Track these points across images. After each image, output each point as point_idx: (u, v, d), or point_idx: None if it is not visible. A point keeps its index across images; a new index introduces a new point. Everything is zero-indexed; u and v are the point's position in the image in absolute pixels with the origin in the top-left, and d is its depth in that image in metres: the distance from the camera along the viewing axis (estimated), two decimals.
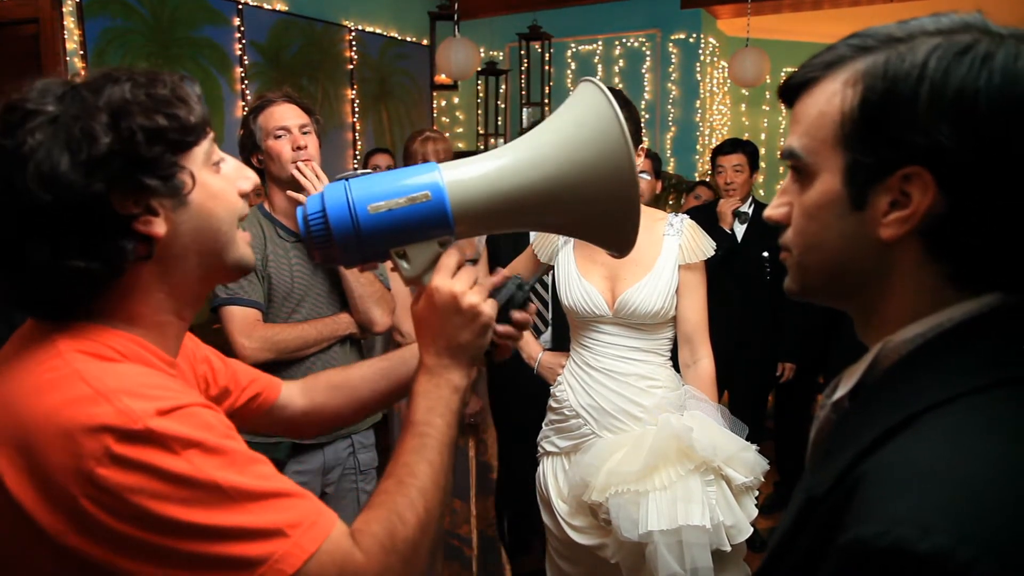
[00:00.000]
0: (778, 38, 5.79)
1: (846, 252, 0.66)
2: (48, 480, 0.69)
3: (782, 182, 0.74)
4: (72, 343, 0.76)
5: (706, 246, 1.97)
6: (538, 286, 2.85)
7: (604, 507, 1.82)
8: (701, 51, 5.22)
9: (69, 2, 3.26)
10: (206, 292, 0.90)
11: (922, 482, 0.51)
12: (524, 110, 5.47)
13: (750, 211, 3.46)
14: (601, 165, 0.88)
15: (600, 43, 5.47)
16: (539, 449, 2.15)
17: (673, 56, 5.28)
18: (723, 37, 5.72)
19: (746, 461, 1.82)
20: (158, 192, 0.78)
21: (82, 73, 3.14)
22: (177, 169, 0.79)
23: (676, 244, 1.95)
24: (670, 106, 5.33)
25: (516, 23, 5.36)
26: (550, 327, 2.89)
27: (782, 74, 5.63)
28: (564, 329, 2.19)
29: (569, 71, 5.57)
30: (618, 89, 1.83)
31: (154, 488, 0.68)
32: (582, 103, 0.90)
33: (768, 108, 6.49)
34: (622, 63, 5.42)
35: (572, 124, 0.90)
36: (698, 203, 4.06)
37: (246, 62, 4.05)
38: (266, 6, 4.16)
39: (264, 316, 1.95)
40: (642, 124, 2.19)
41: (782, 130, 6.51)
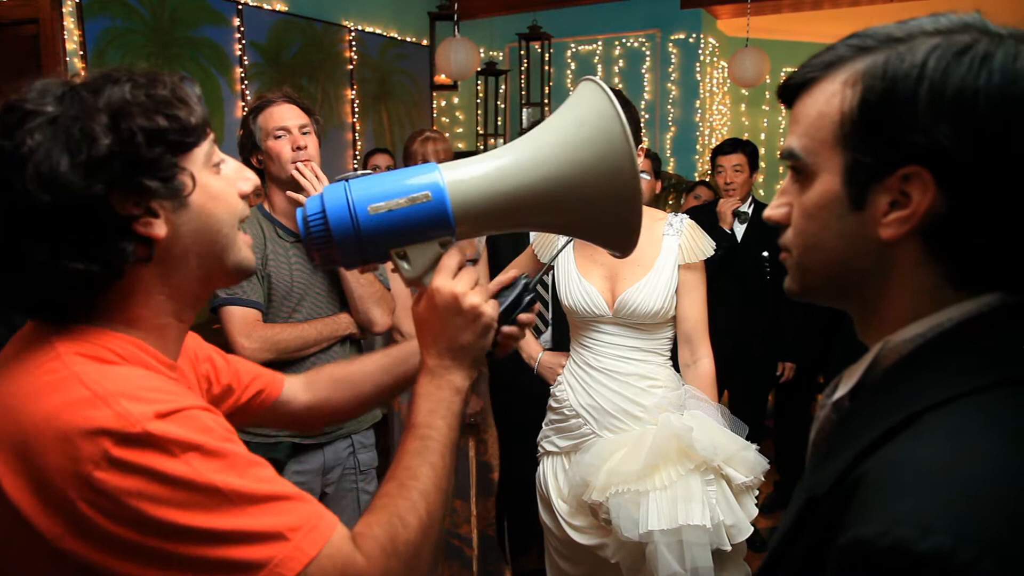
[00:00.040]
0: (778, 38, 5.79)
1: (846, 252, 0.66)
2: (46, 483, 0.68)
3: (782, 182, 0.74)
4: (71, 345, 0.76)
5: (706, 246, 1.97)
6: (538, 286, 2.85)
7: (604, 507, 1.82)
8: (701, 51, 5.22)
9: (69, 2, 3.25)
10: (207, 295, 0.89)
11: (922, 482, 0.51)
12: (524, 110, 5.47)
13: (750, 211, 3.46)
14: (603, 165, 0.87)
15: (600, 43, 5.47)
16: (539, 449, 2.15)
17: (673, 56, 5.27)
18: (723, 37, 5.72)
19: (746, 460, 1.83)
20: (158, 193, 0.77)
21: (82, 73, 3.14)
22: (177, 170, 0.79)
23: (676, 244, 1.95)
24: (670, 106, 5.33)
25: (516, 23, 5.36)
26: (550, 327, 2.89)
27: (782, 74, 5.63)
28: (564, 329, 2.19)
29: (569, 71, 5.57)
30: (618, 89, 1.83)
31: (153, 492, 0.68)
32: (583, 102, 0.90)
33: (768, 108, 6.49)
34: (622, 63, 5.42)
35: (573, 123, 0.89)
36: (698, 203, 4.06)
37: (246, 62, 4.05)
38: (266, 6, 4.16)
39: (264, 316, 1.95)
40: (642, 124, 2.20)
41: (782, 130, 6.51)
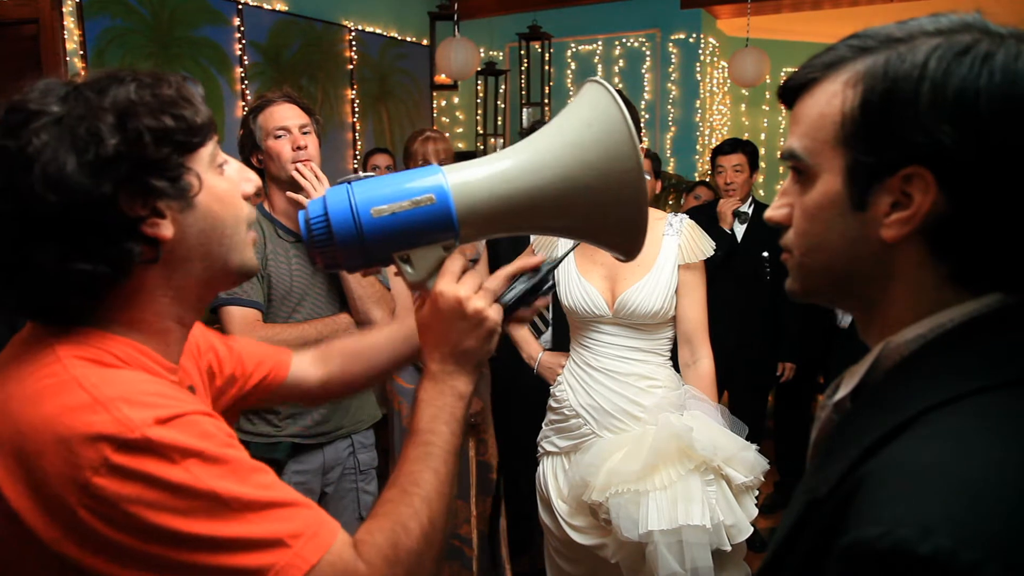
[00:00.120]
0: (778, 38, 5.78)
1: (847, 253, 0.66)
2: (45, 488, 0.68)
3: (782, 182, 0.74)
4: (71, 349, 0.75)
5: (705, 246, 1.97)
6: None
7: (604, 507, 1.82)
8: (701, 51, 5.22)
9: (69, 2, 3.25)
10: (209, 297, 0.88)
11: (924, 483, 0.51)
12: (524, 110, 5.47)
13: (750, 211, 3.46)
14: (609, 167, 0.86)
15: (600, 43, 5.47)
16: (539, 449, 2.15)
17: (673, 56, 5.27)
18: (723, 37, 5.72)
19: (746, 460, 1.83)
20: (165, 194, 0.77)
21: (82, 73, 3.14)
22: (184, 171, 0.78)
23: (676, 244, 1.95)
24: (670, 106, 5.33)
25: (516, 23, 5.36)
26: (550, 327, 2.89)
27: (782, 74, 5.63)
28: (564, 329, 2.19)
29: (569, 71, 5.57)
30: (618, 89, 1.83)
31: (152, 498, 0.67)
32: (589, 104, 0.89)
33: (768, 108, 6.49)
34: (622, 63, 5.42)
35: (579, 125, 0.88)
36: (698, 203, 4.05)
37: (246, 62, 4.04)
38: (266, 6, 4.16)
39: (264, 316, 1.95)
40: (642, 124, 2.20)
41: (782, 130, 6.51)
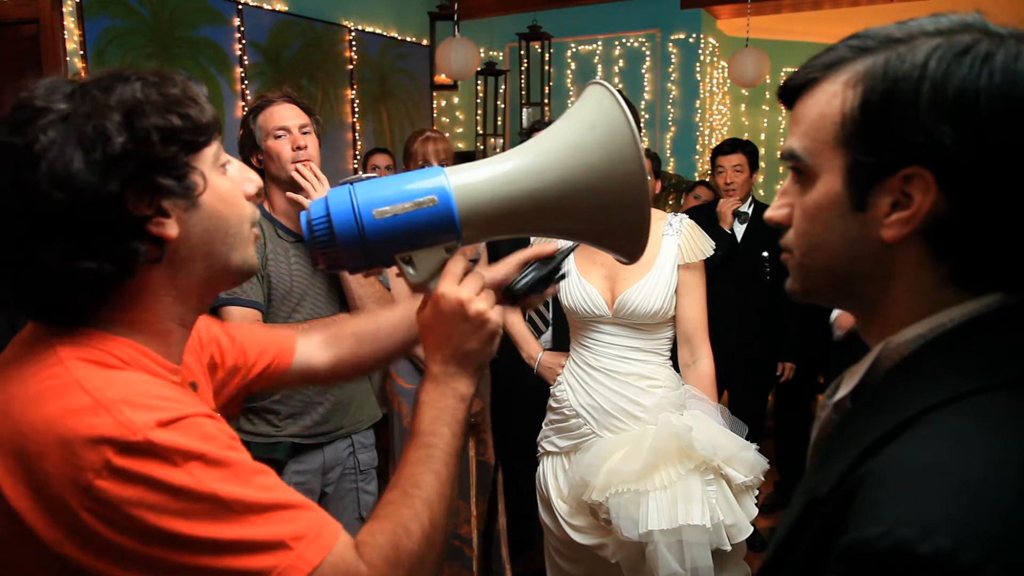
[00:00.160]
0: (778, 38, 5.79)
1: (848, 253, 0.66)
2: (46, 490, 0.68)
3: (782, 182, 0.74)
4: (73, 350, 0.75)
5: (705, 246, 1.97)
6: None
7: (604, 507, 1.82)
8: (701, 51, 5.22)
9: (69, 2, 3.25)
10: (210, 298, 0.88)
11: (924, 483, 0.51)
12: (524, 110, 5.48)
13: (750, 211, 3.46)
14: (611, 170, 0.86)
15: (600, 43, 5.47)
16: (539, 449, 2.15)
17: (673, 56, 5.27)
18: (723, 37, 5.72)
19: (746, 460, 1.83)
20: (172, 193, 0.77)
21: (82, 73, 3.14)
22: (189, 170, 0.78)
23: (675, 244, 1.95)
24: (670, 106, 5.33)
25: (516, 23, 5.36)
26: (550, 327, 2.89)
27: (782, 74, 5.63)
28: (564, 329, 2.19)
29: (569, 71, 5.57)
30: (618, 90, 1.83)
31: (154, 501, 0.67)
32: (592, 106, 0.88)
33: (768, 108, 6.49)
34: (622, 63, 5.42)
35: (582, 127, 0.88)
36: (698, 203, 4.06)
37: (246, 62, 4.05)
38: (266, 6, 4.16)
39: (264, 316, 1.94)
40: (642, 124, 2.20)
41: (782, 130, 6.51)
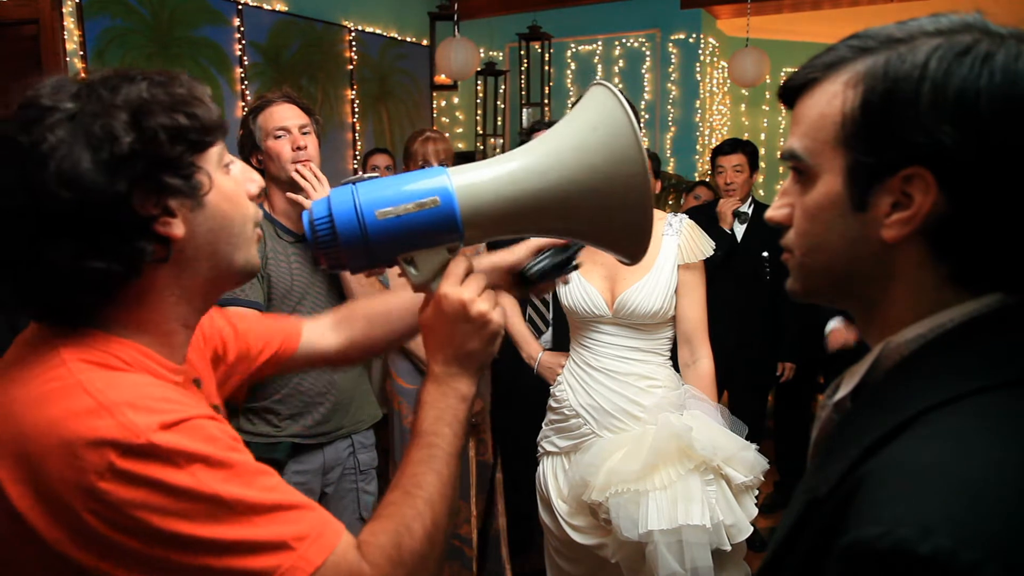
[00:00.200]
0: (778, 38, 5.79)
1: (848, 253, 0.66)
2: (50, 492, 0.68)
3: (782, 182, 0.74)
4: (76, 352, 0.75)
5: (705, 246, 1.97)
6: None
7: (604, 507, 1.83)
8: (701, 51, 5.22)
9: (69, 2, 3.25)
10: (214, 298, 0.89)
11: (924, 483, 0.51)
12: (524, 110, 5.48)
13: (750, 211, 3.46)
14: (614, 171, 0.86)
15: (600, 43, 5.47)
16: (539, 449, 2.15)
17: (673, 56, 5.27)
18: (723, 37, 5.72)
19: (746, 460, 1.83)
20: (179, 192, 0.77)
21: (82, 73, 3.14)
22: (195, 169, 0.78)
23: (675, 244, 1.95)
24: (670, 106, 5.33)
25: (516, 23, 5.36)
26: (550, 327, 2.89)
27: (782, 74, 5.63)
28: (564, 329, 2.19)
29: (569, 71, 5.57)
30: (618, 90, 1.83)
31: (157, 503, 0.68)
32: (595, 106, 0.89)
33: (768, 108, 6.49)
34: (622, 63, 5.42)
35: (585, 128, 0.88)
36: (698, 203, 4.06)
37: (246, 62, 4.05)
38: (266, 6, 4.16)
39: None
40: (642, 124, 2.20)
41: (782, 130, 6.51)
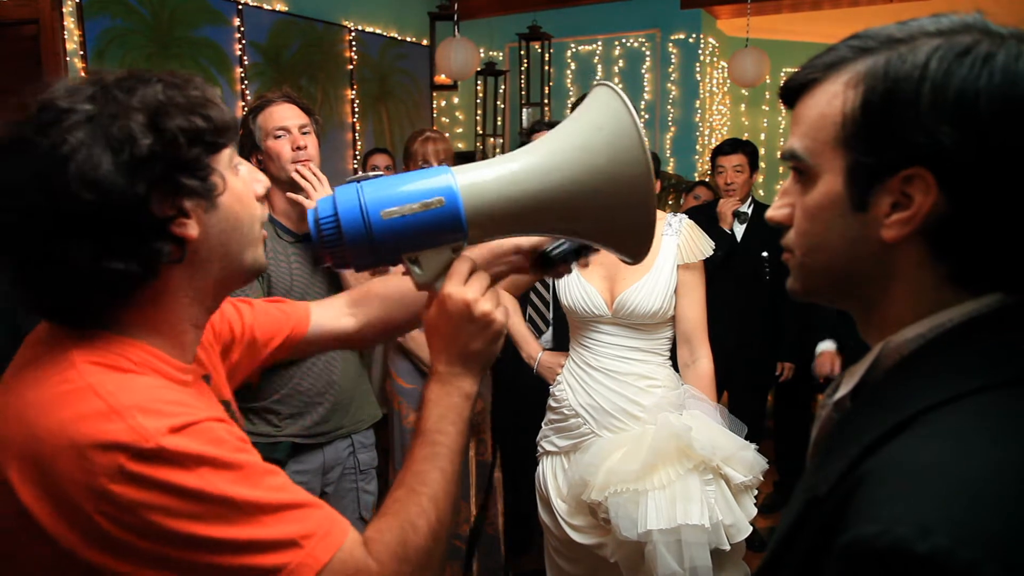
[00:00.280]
0: (778, 38, 5.78)
1: (848, 253, 0.66)
2: (60, 493, 0.69)
3: (782, 182, 0.74)
4: (87, 354, 0.76)
5: (704, 246, 1.97)
6: (538, 285, 2.85)
7: (603, 506, 1.83)
8: (701, 51, 5.22)
9: (69, 2, 3.25)
10: (223, 297, 0.90)
11: (923, 482, 0.51)
12: (524, 110, 5.47)
13: (750, 211, 3.46)
14: (617, 171, 0.86)
15: (600, 43, 5.46)
16: (539, 449, 2.15)
17: (673, 56, 5.27)
18: (723, 37, 5.72)
19: (745, 460, 1.83)
20: (195, 194, 0.78)
21: (82, 74, 3.14)
22: (211, 171, 0.79)
23: (675, 244, 1.96)
24: (670, 106, 5.33)
25: (516, 23, 5.36)
26: (550, 327, 2.89)
27: (782, 74, 5.63)
28: (564, 329, 2.19)
29: (569, 71, 5.57)
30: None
31: (168, 504, 0.69)
32: (599, 107, 0.89)
33: (768, 108, 6.49)
34: (622, 63, 5.42)
35: (589, 128, 0.88)
36: (697, 203, 4.06)
37: (246, 62, 4.05)
38: (266, 6, 4.16)
39: None
40: (642, 124, 2.20)
41: (782, 130, 6.51)
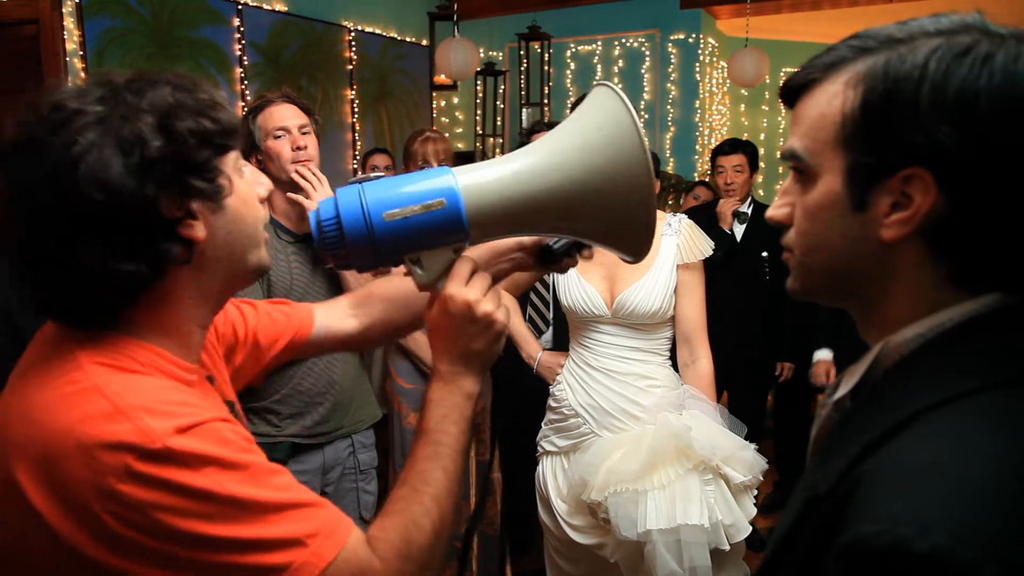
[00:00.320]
0: (778, 38, 5.78)
1: (848, 253, 0.67)
2: (68, 493, 0.70)
3: (782, 182, 0.74)
4: (93, 355, 0.76)
5: (704, 246, 1.97)
6: (538, 285, 2.85)
7: (603, 506, 1.83)
8: (700, 51, 5.22)
9: (69, 2, 3.25)
10: (228, 298, 0.91)
11: (922, 481, 0.51)
12: (524, 110, 5.47)
13: (749, 211, 3.46)
14: (617, 171, 0.87)
15: (599, 43, 5.46)
16: (539, 449, 2.15)
17: (672, 56, 5.27)
18: (722, 37, 5.72)
19: (745, 460, 1.83)
20: (202, 195, 0.78)
21: (82, 74, 3.14)
22: (218, 173, 0.80)
23: (674, 244, 1.96)
24: (669, 106, 5.33)
25: (515, 23, 5.36)
26: (550, 327, 2.89)
27: (782, 74, 5.63)
28: (564, 329, 2.20)
29: (568, 71, 5.57)
30: None
31: (175, 504, 0.70)
32: (599, 107, 0.89)
33: (768, 108, 6.49)
34: (621, 63, 5.42)
35: (590, 128, 0.89)
36: (697, 203, 4.06)
37: (246, 62, 4.05)
38: (266, 6, 4.16)
39: None
40: (641, 124, 2.20)
41: (782, 130, 6.51)
